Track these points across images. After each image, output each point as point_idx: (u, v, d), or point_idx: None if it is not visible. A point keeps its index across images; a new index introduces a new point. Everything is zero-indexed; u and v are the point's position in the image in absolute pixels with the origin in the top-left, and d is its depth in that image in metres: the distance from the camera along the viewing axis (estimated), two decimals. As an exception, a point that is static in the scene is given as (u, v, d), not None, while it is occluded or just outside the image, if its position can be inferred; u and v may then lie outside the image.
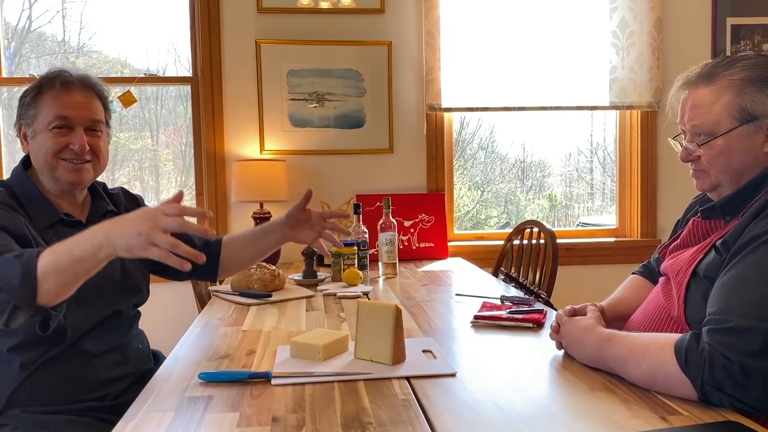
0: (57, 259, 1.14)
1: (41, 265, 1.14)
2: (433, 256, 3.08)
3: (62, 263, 1.14)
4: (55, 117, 1.43)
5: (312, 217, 1.63)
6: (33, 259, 1.15)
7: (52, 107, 1.43)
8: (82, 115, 1.46)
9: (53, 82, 1.44)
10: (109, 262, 1.50)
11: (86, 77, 1.49)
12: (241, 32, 3.11)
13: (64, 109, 1.44)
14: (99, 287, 1.48)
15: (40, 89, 1.45)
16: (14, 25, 3.31)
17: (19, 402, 1.38)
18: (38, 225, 1.41)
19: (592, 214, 3.81)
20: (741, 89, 1.18)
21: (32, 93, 1.45)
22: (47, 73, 1.47)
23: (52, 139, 1.43)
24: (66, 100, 1.44)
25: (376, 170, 3.22)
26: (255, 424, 1.00)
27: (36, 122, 1.44)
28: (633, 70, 3.23)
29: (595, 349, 1.20)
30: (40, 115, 1.44)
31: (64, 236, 1.42)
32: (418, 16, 3.18)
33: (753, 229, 1.08)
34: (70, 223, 1.48)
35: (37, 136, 1.45)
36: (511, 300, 1.84)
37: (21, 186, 1.46)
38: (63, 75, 1.45)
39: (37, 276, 1.14)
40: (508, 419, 1.00)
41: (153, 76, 3.26)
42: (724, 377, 0.98)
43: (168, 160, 3.58)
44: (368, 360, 1.30)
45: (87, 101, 1.47)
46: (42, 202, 1.45)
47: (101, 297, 1.49)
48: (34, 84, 1.46)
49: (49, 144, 1.43)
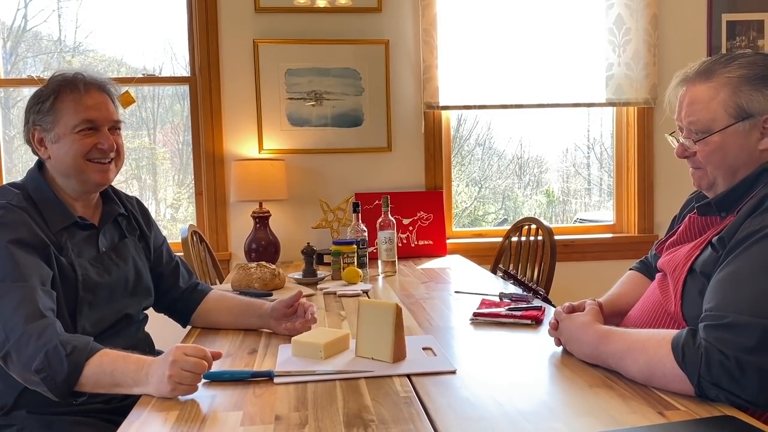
0: (98, 378, 1.20)
1: (84, 374, 1.19)
2: (432, 253, 3.10)
3: (102, 382, 1.20)
4: (81, 120, 1.44)
5: (297, 311, 1.58)
6: (81, 364, 1.19)
7: (76, 111, 1.44)
8: (105, 116, 1.47)
9: (74, 85, 1.44)
10: (124, 264, 1.54)
11: (99, 77, 1.50)
12: (238, 32, 3.11)
13: (88, 111, 1.45)
14: (113, 291, 1.50)
15: (57, 94, 1.44)
16: (9, 24, 3.31)
17: (25, 403, 1.39)
18: (53, 227, 1.42)
19: (589, 209, 3.82)
20: (737, 87, 1.19)
21: (50, 99, 1.44)
22: (61, 78, 1.46)
23: (80, 141, 1.44)
24: (89, 102, 1.45)
25: (375, 169, 3.23)
26: (258, 423, 1.02)
27: (57, 127, 1.44)
28: (629, 67, 3.24)
29: (593, 345, 1.22)
30: (62, 120, 1.44)
31: (78, 238, 1.46)
32: (415, 14, 3.19)
33: (748, 225, 1.09)
34: (84, 226, 1.49)
35: (60, 141, 1.44)
36: (510, 297, 1.85)
37: (37, 189, 1.46)
38: (80, 78, 1.46)
39: (79, 381, 1.20)
40: (507, 415, 1.02)
41: (151, 76, 3.27)
42: (720, 372, 1.00)
43: (165, 158, 3.59)
44: (369, 358, 1.31)
45: (105, 101, 1.49)
46: (57, 205, 1.46)
47: (114, 301, 1.50)
48: (48, 90, 1.45)
49: (77, 146, 1.44)
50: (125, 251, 1.57)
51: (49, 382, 1.19)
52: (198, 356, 1.16)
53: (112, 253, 1.54)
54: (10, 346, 1.22)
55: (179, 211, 3.56)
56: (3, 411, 1.40)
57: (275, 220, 3.08)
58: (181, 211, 3.53)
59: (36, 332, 1.22)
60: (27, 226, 1.35)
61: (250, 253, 2.95)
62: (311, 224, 3.04)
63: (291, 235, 3.13)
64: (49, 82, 1.48)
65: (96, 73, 1.51)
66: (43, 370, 1.19)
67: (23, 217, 1.36)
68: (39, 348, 1.20)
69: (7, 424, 1.40)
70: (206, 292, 1.73)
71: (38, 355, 1.20)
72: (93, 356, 1.21)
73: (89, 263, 1.46)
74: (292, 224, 3.19)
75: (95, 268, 1.47)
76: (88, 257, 1.47)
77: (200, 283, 1.77)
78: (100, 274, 1.47)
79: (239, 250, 3.09)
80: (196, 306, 1.70)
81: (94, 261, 1.48)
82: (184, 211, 3.48)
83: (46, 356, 1.19)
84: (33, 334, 1.22)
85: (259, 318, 1.61)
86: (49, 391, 1.21)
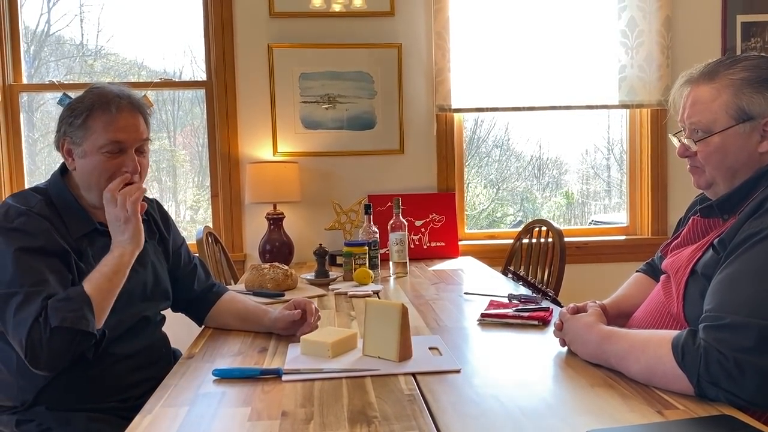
0: (99, 286, 1.37)
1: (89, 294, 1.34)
2: (444, 255, 3.12)
3: (103, 287, 1.37)
4: (109, 141, 1.45)
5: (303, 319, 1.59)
6: (80, 288, 1.35)
7: (105, 131, 1.45)
8: (133, 138, 1.48)
9: (107, 106, 1.45)
10: (143, 269, 1.58)
11: (132, 97, 1.50)
12: (253, 36, 3.16)
13: (117, 133, 1.46)
14: (132, 295, 1.53)
15: (90, 111, 1.45)
16: (33, 29, 3.39)
17: (45, 400, 1.44)
18: (74, 233, 1.45)
19: (609, 211, 3.81)
20: (739, 89, 1.20)
21: (83, 115, 1.45)
22: (98, 95, 1.47)
23: (106, 162, 1.46)
24: (119, 124, 1.46)
25: (387, 171, 3.26)
26: (265, 418, 1.05)
27: (86, 143, 1.46)
28: (642, 69, 3.24)
29: (596, 345, 1.23)
30: (91, 138, 1.45)
31: (98, 245, 1.49)
32: (427, 18, 3.21)
33: (748, 228, 1.10)
34: (104, 232, 1.51)
35: (87, 157, 1.47)
36: (518, 298, 1.87)
37: (59, 195, 1.49)
38: (115, 99, 1.46)
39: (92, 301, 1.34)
40: (508, 413, 1.04)
41: (168, 80, 3.33)
42: (719, 372, 1.01)
43: (185, 160, 3.65)
44: (376, 357, 1.34)
45: (136, 122, 1.49)
46: (79, 211, 1.49)
47: (133, 305, 1.53)
48: (84, 105, 1.46)
49: (102, 167, 1.46)
50: (144, 256, 1.59)
51: (74, 320, 1.28)
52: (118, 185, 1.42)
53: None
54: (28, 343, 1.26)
55: (198, 212, 3.61)
56: (23, 407, 1.45)
57: (289, 222, 3.12)
58: (201, 212, 3.59)
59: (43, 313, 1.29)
60: (47, 233, 1.38)
61: (264, 254, 2.99)
62: (324, 226, 3.07)
63: (304, 237, 3.17)
64: (85, 95, 1.49)
65: (131, 92, 1.52)
66: (65, 319, 1.27)
67: (44, 225, 1.39)
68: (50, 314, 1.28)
69: (26, 420, 1.45)
70: (221, 294, 1.76)
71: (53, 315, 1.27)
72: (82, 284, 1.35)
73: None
74: (306, 226, 3.23)
75: None
76: None
77: (216, 284, 1.80)
78: None
79: (254, 250, 3.14)
80: (210, 307, 1.73)
81: None
82: (204, 213, 3.53)
83: (54, 310, 1.28)
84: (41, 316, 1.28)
85: (264, 326, 1.63)
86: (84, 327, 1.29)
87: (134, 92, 1.53)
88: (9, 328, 1.31)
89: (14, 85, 3.16)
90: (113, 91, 1.49)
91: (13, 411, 1.46)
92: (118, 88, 1.51)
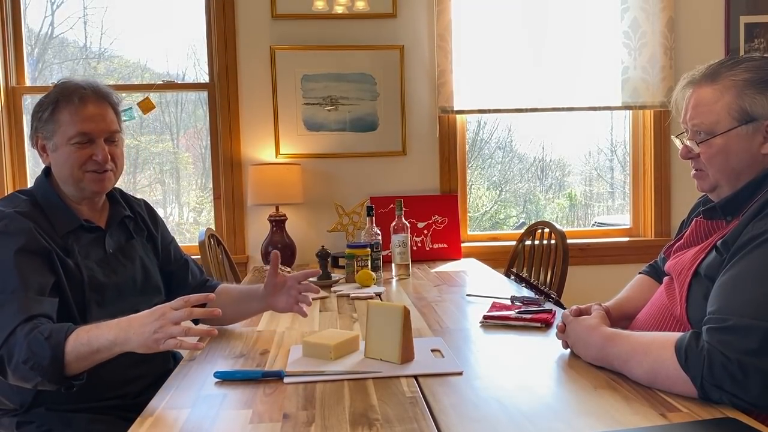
0: (79, 350, 1.24)
1: (66, 351, 1.24)
2: (446, 257, 3.11)
3: (83, 353, 1.24)
4: (77, 133, 1.47)
5: (287, 282, 1.61)
6: (61, 343, 1.24)
7: (71, 123, 1.47)
8: (101, 128, 1.50)
9: (70, 97, 1.47)
10: (131, 263, 1.58)
11: (98, 88, 1.52)
12: (255, 38, 3.17)
13: (84, 124, 1.47)
14: (121, 289, 1.54)
15: (56, 104, 1.47)
16: (37, 31, 3.40)
17: (44, 401, 1.44)
18: (60, 231, 1.47)
19: (612, 213, 3.80)
20: (742, 90, 1.19)
21: (49, 108, 1.48)
22: (61, 88, 1.50)
23: (76, 153, 1.48)
24: (84, 114, 1.47)
25: (390, 172, 3.26)
26: (267, 421, 1.05)
27: (56, 136, 1.48)
28: (645, 70, 3.23)
29: (599, 347, 1.23)
30: (59, 130, 1.48)
31: (84, 241, 1.50)
32: (429, 19, 3.21)
33: (752, 229, 1.10)
34: (90, 228, 1.54)
35: (58, 150, 1.49)
36: (521, 300, 1.86)
37: (44, 195, 1.51)
38: (78, 90, 1.48)
39: (65, 360, 1.24)
40: (510, 415, 1.03)
41: (171, 83, 3.33)
42: (722, 375, 1.00)
43: (188, 162, 3.65)
44: (378, 359, 1.33)
45: (102, 113, 1.51)
46: (63, 209, 1.51)
47: (123, 298, 1.54)
48: (49, 99, 1.49)
49: (73, 158, 1.48)
50: (132, 252, 1.61)
51: (38, 369, 1.24)
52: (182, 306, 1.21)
53: (119, 254, 1.58)
54: (3, 351, 1.26)
55: (202, 214, 3.61)
56: (23, 408, 1.45)
57: (291, 224, 3.12)
58: (204, 214, 3.59)
59: (20, 334, 1.26)
60: (30, 233, 1.39)
61: (266, 256, 2.99)
62: (327, 227, 3.07)
63: (307, 239, 3.17)
64: (51, 90, 1.52)
65: (95, 82, 1.53)
66: (29, 360, 1.24)
67: (26, 225, 1.40)
68: (22, 343, 1.25)
69: (27, 421, 1.45)
70: (215, 288, 1.76)
71: (22, 348, 1.25)
72: (71, 334, 1.26)
73: (96, 264, 1.50)
74: (308, 227, 3.23)
75: (102, 269, 1.51)
76: (94, 259, 1.51)
77: (210, 279, 1.81)
78: (106, 275, 1.51)
79: (256, 252, 3.14)
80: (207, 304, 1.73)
81: (101, 262, 1.52)
82: (207, 215, 3.53)
83: (29, 346, 1.24)
84: (18, 336, 1.26)
85: (258, 301, 1.65)
86: (43, 379, 1.24)
87: (101, 83, 1.54)
88: None
89: (17, 88, 3.17)
90: (77, 82, 1.51)
91: (14, 413, 1.47)
92: (83, 80, 1.53)
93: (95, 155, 1.49)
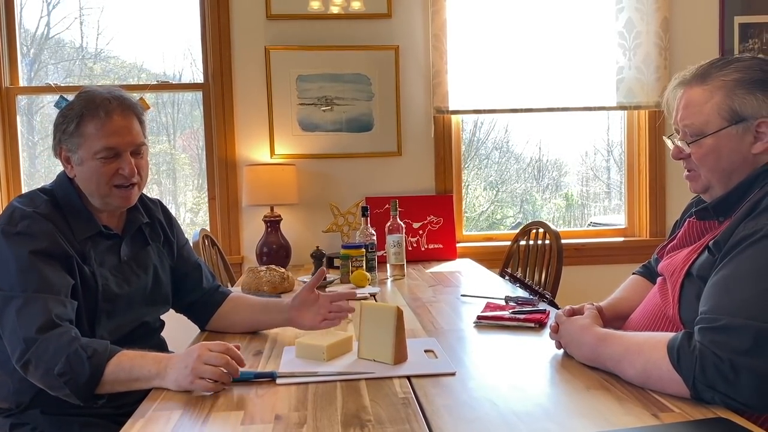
0: (118, 375, 1.25)
1: (105, 374, 1.25)
2: (441, 257, 3.11)
3: (121, 378, 1.26)
4: (103, 147, 1.43)
5: (319, 299, 1.55)
6: (102, 365, 1.25)
7: (98, 137, 1.43)
8: (127, 141, 1.46)
9: (96, 110, 1.43)
10: (144, 273, 1.57)
11: (123, 99, 1.48)
12: (250, 39, 3.16)
13: (110, 138, 1.44)
14: (132, 301, 1.53)
15: (81, 117, 1.43)
16: (33, 32, 3.39)
17: (40, 403, 1.43)
18: (78, 236, 1.45)
19: (608, 213, 3.80)
20: (731, 90, 1.20)
21: (74, 121, 1.44)
22: (86, 99, 1.45)
23: (102, 167, 1.45)
24: (110, 128, 1.43)
25: (385, 173, 3.26)
26: (258, 422, 1.04)
27: (81, 150, 1.45)
28: (640, 71, 3.23)
29: (591, 347, 1.23)
30: (85, 144, 1.44)
31: (101, 248, 1.49)
32: (425, 20, 3.21)
33: (743, 229, 1.10)
34: (108, 235, 1.51)
35: (84, 164, 1.45)
36: (515, 300, 1.86)
37: (65, 196, 1.48)
38: (104, 103, 1.44)
39: (101, 381, 1.25)
40: (502, 416, 1.03)
41: (166, 83, 3.33)
42: (715, 375, 1.00)
43: (185, 163, 3.64)
44: (371, 360, 1.33)
45: (128, 125, 1.47)
46: (84, 214, 1.48)
47: (132, 310, 1.53)
48: (74, 111, 1.45)
49: (100, 173, 1.45)
50: (146, 260, 1.59)
51: (72, 384, 1.24)
52: (220, 351, 1.21)
53: (133, 263, 1.56)
54: (30, 354, 1.26)
55: (198, 215, 3.61)
56: (19, 409, 1.45)
57: (286, 224, 3.12)
58: (201, 215, 3.58)
59: (54, 339, 1.26)
60: (51, 236, 1.38)
61: (261, 257, 2.98)
62: (322, 228, 3.07)
63: (302, 239, 3.17)
64: (75, 101, 1.47)
65: (121, 93, 1.49)
66: (65, 374, 1.24)
67: (48, 227, 1.38)
68: (59, 353, 1.25)
69: (21, 423, 1.45)
70: (227, 294, 1.74)
71: (60, 359, 1.24)
72: (113, 357, 1.26)
73: (110, 273, 1.49)
74: (303, 228, 3.22)
75: (115, 278, 1.50)
76: (109, 266, 1.50)
77: (222, 285, 1.79)
78: (119, 285, 1.50)
79: (251, 253, 3.13)
80: (217, 307, 1.70)
81: (115, 270, 1.51)
82: (204, 216, 3.52)
83: (68, 360, 1.24)
84: (51, 341, 1.26)
85: (279, 314, 1.60)
86: (72, 394, 1.25)
87: (125, 93, 1.50)
88: (7, 330, 1.31)
89: (11, 88, 3.16)
90: (102, 94, 1.46)
91: (8, 414, 1.46)
92: (108, 91, 1.48)
93: (121, 169, 1.46)
